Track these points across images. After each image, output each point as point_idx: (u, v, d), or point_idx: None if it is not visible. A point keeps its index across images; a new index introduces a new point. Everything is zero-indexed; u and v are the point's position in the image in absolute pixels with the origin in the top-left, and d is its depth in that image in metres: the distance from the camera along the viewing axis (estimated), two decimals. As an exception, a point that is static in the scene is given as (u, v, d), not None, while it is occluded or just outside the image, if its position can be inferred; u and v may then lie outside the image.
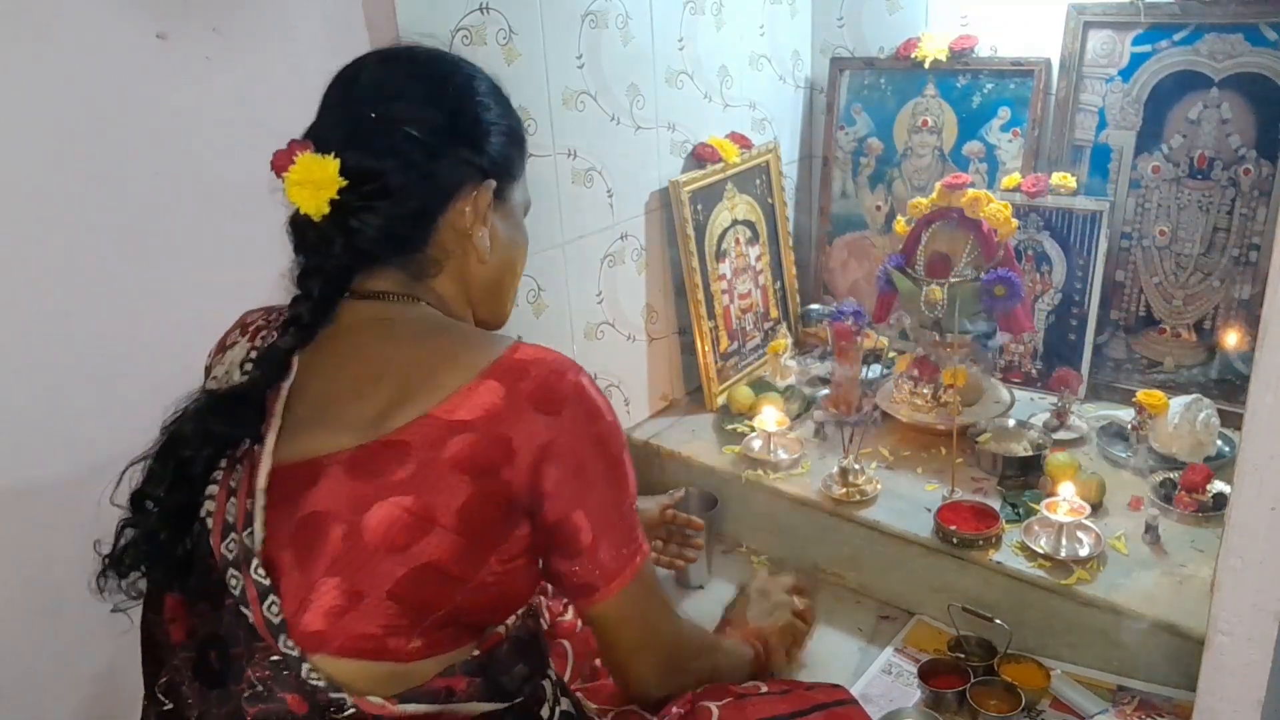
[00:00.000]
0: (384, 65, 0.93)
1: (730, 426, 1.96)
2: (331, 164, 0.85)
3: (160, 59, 1.20)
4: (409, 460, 0.80)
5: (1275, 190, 1.74)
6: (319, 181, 0.85)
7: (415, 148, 0.88)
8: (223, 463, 0.87)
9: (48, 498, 1.20)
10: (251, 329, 0.97)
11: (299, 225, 0.89)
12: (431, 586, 0.81)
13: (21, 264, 1.14)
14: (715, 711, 1.02)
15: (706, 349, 2.02)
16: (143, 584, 0.90)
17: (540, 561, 0.90)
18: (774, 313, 2.24)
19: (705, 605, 1.59)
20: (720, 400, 2.04)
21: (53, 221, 1.15)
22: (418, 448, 0.80)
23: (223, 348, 0.98)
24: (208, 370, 0.98)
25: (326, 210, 0.86)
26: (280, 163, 0.87)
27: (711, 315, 2.03)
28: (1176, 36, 1.80)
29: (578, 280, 1.82)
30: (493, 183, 0.93)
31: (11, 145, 1.10)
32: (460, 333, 0.93)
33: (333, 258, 0.88)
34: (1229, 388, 1.81)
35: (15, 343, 1.15)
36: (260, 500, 0.82)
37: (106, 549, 0.89)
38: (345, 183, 0.85)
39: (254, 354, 0.92)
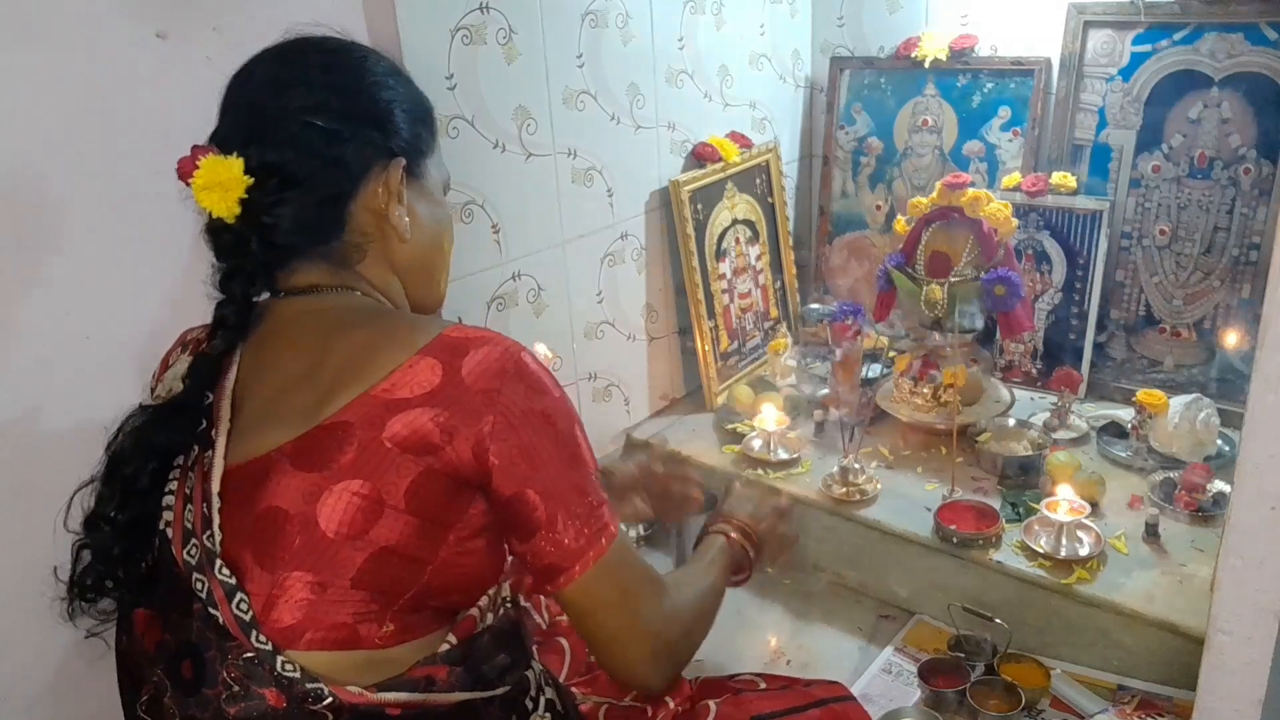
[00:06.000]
0: (276, 59, 0.92)
1: (730, 426, 1.96)
2: (235, 164, 0.84)
3: (160, 59, 1.20)
4: (351, 443, 0.79)
5: (1275, 190, 1.74)
6: (225, 183, 0.84)
7: (315, 135, 0.88)
8: (174, 474, 0.86)
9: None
10: (192, 343, 0.96)
11: (214, 230, 0.88)
12: (394, 570, 0.80)
13: (20, 264, 1.14)
14: (714, 708, 1.03)
15: (706, 349, 2.02)
16: (110, 605, 0.89)
17: (505, 543, 0.89)
18: (774, 312, 2.24)
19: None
20: (720, 400, 2.05)
21: (52, 221, 1.15)
22: (359, 428, 0.79)
23: (165, 366, 0.98)
24: (152, 391, 0.97)
25: (238, 211, 0.85)
26: (185, 169, 0.86)
27: (711, 315, 2.03)
28: (1176, 36, 1.80)
29: (578, 280, 1.82)
30: (402, 160, 0.92)
31: (11, 145, 1.10)
32: (397, 315, 0.93)
33: (251, 257, 0.88)
34: (1229, 387, 1.81)
35: (15, 344, 1.15)
36: (215, 503, 0.82)
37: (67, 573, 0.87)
38: (251, 181, 0.85)
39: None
